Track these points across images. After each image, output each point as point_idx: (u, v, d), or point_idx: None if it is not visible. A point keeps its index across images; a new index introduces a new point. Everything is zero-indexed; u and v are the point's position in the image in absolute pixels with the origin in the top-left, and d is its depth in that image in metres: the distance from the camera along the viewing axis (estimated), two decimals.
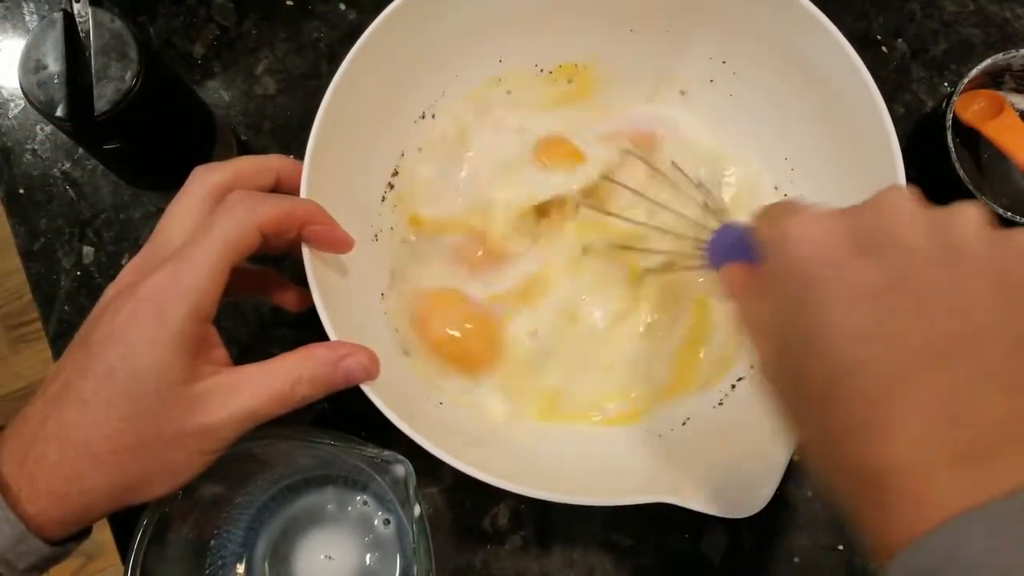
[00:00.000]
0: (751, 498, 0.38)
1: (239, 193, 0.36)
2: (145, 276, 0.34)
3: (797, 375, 0.29)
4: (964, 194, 0.47)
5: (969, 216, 0.28)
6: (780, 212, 0.32)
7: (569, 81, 0.52)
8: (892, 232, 0.28)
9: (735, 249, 0.36)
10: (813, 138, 0.47)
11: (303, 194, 0.40)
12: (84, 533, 0.36)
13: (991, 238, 0.28)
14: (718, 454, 0.43)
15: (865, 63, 0.42)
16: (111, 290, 0.37)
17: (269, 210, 0.36)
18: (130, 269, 0.37)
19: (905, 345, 0.26)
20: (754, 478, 0.38)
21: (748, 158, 0.51)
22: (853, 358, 0.27)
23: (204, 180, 0.38)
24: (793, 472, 0.48)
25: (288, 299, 0.45)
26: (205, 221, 0.36)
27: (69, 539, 0.35)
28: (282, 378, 0.35)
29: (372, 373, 0.38)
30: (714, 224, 0.40)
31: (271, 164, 0.40)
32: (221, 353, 0.36)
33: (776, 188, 0.50)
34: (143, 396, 0.33)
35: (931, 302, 0.27)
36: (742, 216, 0.49)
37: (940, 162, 0.48)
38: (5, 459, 0.33)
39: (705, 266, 0.40)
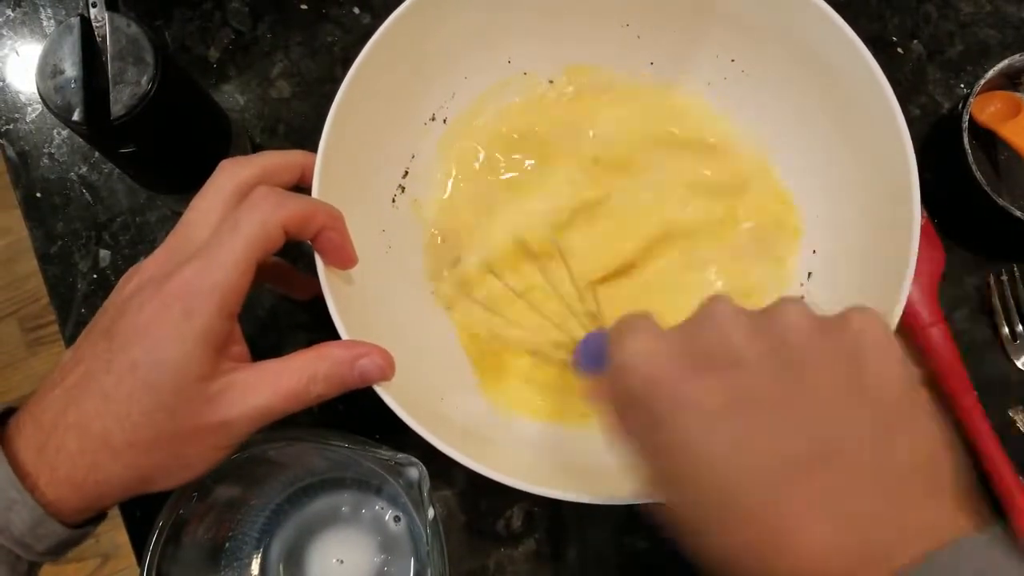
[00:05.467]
0: None
1: (265, 189, 0.37)
2: (171, 271, 0.34)
3: (680, 498, 0.29)
4: (981, 196, 0.47)
5: (790, 314, 0.28)
6: (623, 329, 0.31)
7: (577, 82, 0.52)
8: (724, 346, 0.28)
9: (601, 358, 0.33)
10: (824, 138, 0.47)
11: (314, 195, 0.40)
12: (99, 517, 0.37)
13: (818, 333, 0.28)
14: None
15: (880, 65, 0.42)
16: (133, 280, 0.37)
17: (294, 209, 0.36)
18: (153, 261, 0.37)
19: (769, 460, 0.26)
20: None
21: (756, 158, 0.51)
22: (723, 480, 0.27)
23: (231, 175, 0.38)
24: None
25: (298, 288, 0.46)
26: (230, 217, 0.36)
27: (85, 523, 0.35)
28: (297, 376, 0.36)
29: (387, 374, 0.38)
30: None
31: (295, 160, 0.40)
32: (241, 349, 0.36)
33: (785, 187, 0.50)
34: (164, 391, 0.33)
35: (780, 412, 0.27)
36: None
37: (957, 164, 0.48)
38: (23, 446, 0.33)
39: (577, 367, 0.39)
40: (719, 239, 0.50)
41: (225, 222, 0.36)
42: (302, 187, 0.41)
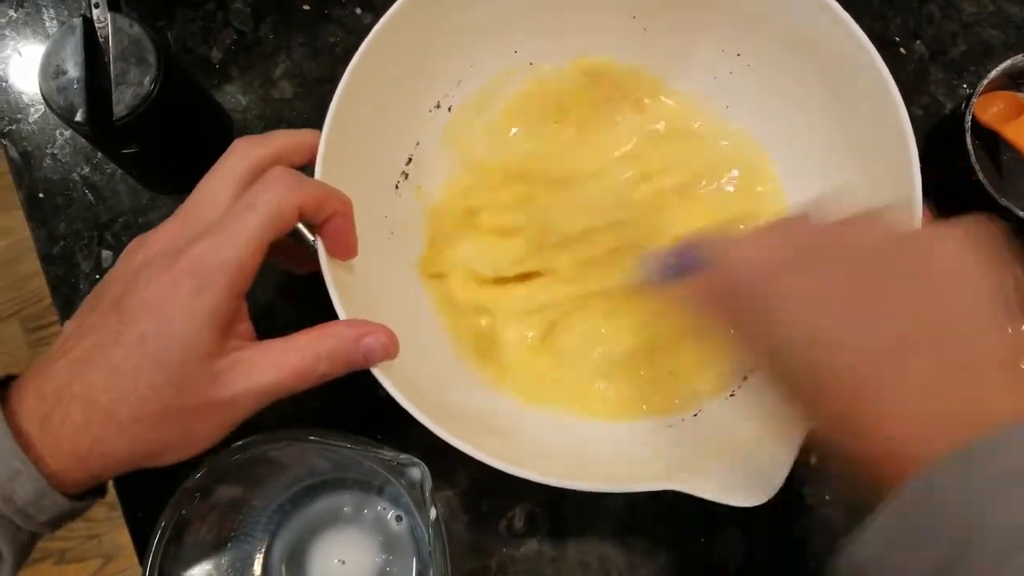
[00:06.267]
0: (763, 486, 0.37)
1: (281, 170, 0.37)
2: (183, 246, 0.35)
3: (783, 376, 0.32)
4: (984, 197, 0.47)
5: (876, 227, 0.32)
6: (719, 234, 0.36)
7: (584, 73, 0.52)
8: (821, 245, 0.32)
9: (693, 265, 0.37)
10: (828, 136, 0.47)
11: (317, 176, 0.40)
12: (100, 489, 0.37)
13: (902, 243, 0.31)
14: (730, 443, 0.42)
15: None
16: (140, 253, 0.36)
17: (310, 192, 0.37)
18: (163, 234, 0.37)
19: (865, 341, 0.29)
20: (766, 466, 0.38)
21: (760, 153, 0.51)
22: (822, 359, 0.30)
23: (245, 154, 0.38)
24: (808, 476, 0.48)
25: (302, 261, 0.45)
26: (245, 195, 0.36)
27: (85, 495, 0.35)
28: (303, 354, 0.36)
29: (391, 352, 0.38)
30: None
31: (307, 140, 0.41)
32: (247, 327, 0.37)
33: (787, 182, 0.50)
34: (172, 366, 0.33)
35: (874, 303, 0.30)
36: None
37: (959, 165, 0.48)
38: (26, 417, 0.33)
39: (659, 280, 0.41)
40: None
41: (240, 200, 0.36)
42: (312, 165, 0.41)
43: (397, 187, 0.49)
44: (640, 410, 0.47)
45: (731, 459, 0.40)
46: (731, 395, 0.46)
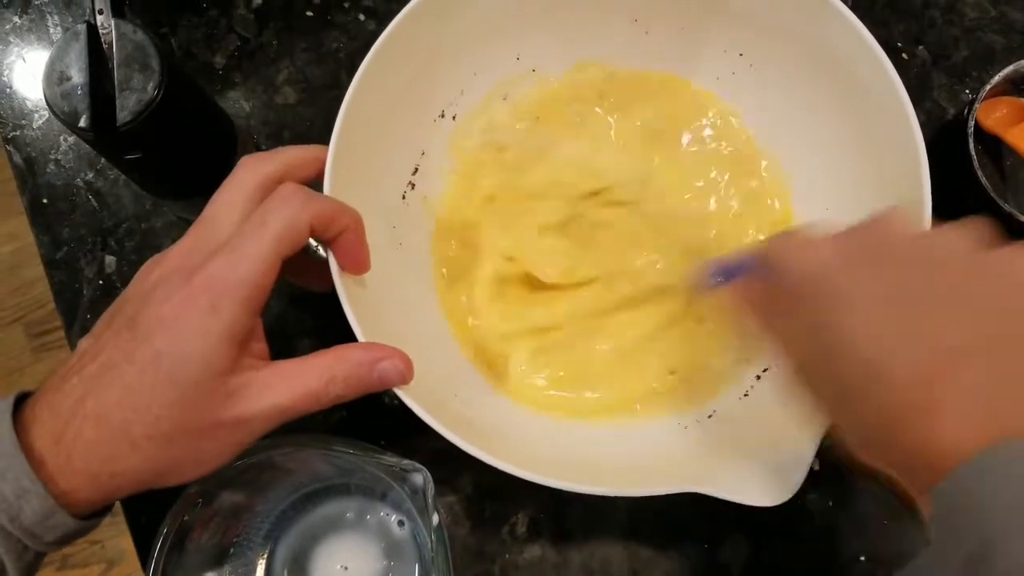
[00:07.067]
0: (780, 485, 0.37)
1: (292, 186, 0.37)
2: (198, 264, 0.34)
3: (829, 378, 0.32)
4: (986, 202, 0.47)
5: (956, 235, 0.31)
6: (786, 236, 0.35)
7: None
8: (887, 247, 0.32)
9: (744, 269, 0.39)
10: (832, 132, 0.47)
11: (326, 190, 0.40)
12: (106, 509, 0.36)
13: (973, 253, 0.31)
14: (745, 443, 0.42)
15: None
16: (156, 271, 0.36)
17: (321, 208, 0.36)
18: (177, 252, 0.37)
19: (929, 342, 0.29)
20: (783, 465, 0.38)
21: (761, 152, 0.51)
22: (880, 360, 0.29)
23: (255, 170, 0.38)
24: (814, 482, 0.48)
25: (315, 278, 0.45)
26: (257, 212, 0.36)
27: (93, 514, 0.35)
28: (317, 376, 0.36)
29: (407, 377, 0.38)
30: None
31: (315, 154, 0.41)
32: (262, 347, 0.37)
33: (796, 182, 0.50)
34: (186, 385, 0.33)
35: (941, 307, 0.29)
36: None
37: (962, 170, 0.48)
38: (38, 434, 0.33)
39: (709, 286, 0.42)
40: (720, 231, 0.50)
41: (252, 217, 0.36)
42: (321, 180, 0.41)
43: (404, 197, 0.49)
44: (653, 413, 0.47)
45: (748, 459, 0.40)
46: (744, 395, 0.46)
